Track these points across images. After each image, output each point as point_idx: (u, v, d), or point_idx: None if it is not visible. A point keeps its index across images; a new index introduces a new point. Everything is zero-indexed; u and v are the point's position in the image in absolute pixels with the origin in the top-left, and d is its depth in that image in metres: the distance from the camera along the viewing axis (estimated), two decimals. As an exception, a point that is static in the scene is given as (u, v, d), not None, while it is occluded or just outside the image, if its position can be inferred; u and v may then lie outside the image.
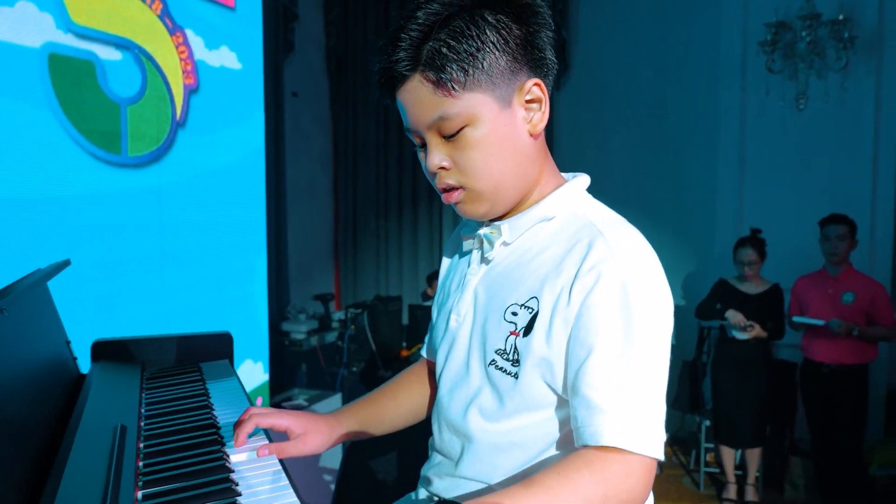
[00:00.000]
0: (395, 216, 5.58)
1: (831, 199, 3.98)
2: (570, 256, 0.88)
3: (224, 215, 2.74)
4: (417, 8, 0.87)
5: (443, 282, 1.12)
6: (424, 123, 0.89)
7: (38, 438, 0.76)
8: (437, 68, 0.85)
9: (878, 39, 3.97)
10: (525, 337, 0.88)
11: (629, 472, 0.78)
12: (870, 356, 3.46)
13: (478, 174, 0.90)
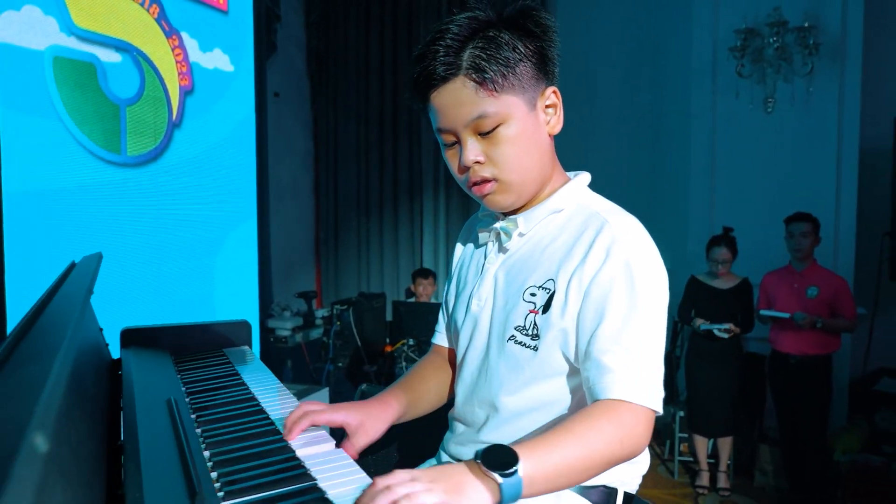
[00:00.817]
0: (375, 215, 5.67)
1: (797, 198, 4.16)
2: (581, 241, 1.01)
3: (217, 211, 2.81)
4: (450, 22, 1.00)
5: (458, 273, 1.24)
6: (462, 122, 1.00)
7: (105, 411, 0.85)
8: (481, 70, 0.96)
9: (841, 46, 4.17)
10: (544, 314, 1.00)
11: (638, 420, 0.91)
12: (833, 347, 3.65)
13: (510, 167, 1.01)
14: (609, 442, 0.88)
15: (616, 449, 0.89)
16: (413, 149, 5.54)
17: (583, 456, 0.86)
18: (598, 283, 0.96)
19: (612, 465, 0.91)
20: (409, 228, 5.61)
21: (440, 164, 5.48)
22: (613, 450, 0.88)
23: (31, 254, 1.97)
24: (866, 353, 4.32)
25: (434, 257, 5.53)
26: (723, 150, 4.55)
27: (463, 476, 0.79)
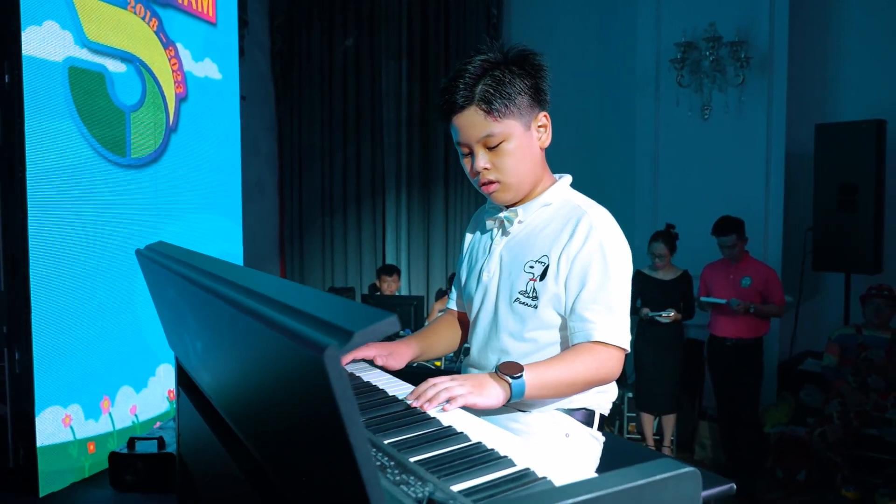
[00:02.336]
0: (339, 214, 5.89)
1: (731, 197, 4.59)
2: (566, 227, 1.34)
3: (208, 206, 3.02)
4: (468, 62, 1.31)
5: (469, 253, 1.56)
6: (475, 139, 1.32)
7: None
8: (489, 102, 1.29)
9: (768, 60, 4.61)
10: (541, 281, 1.33)
11: (610, 356, 1.27)
12: (763, 331, 4.07)
13: (509, 173, 1.34)
14: (588, 368, 1.25)
15: (593, 373, 1.25)
16: (376, 150, 5.79)
17: (568, 375, 1.23)
18: (581, 258, 1.30)
19: (590, 385, 1.28)
20: (372, 227, 5.85)
21: (402, 165, 5.74)
22: (591, 374, 1.26)
23: (52, 246, 2.16)
24: (792, 337, 4.79)
25: (396, 254, 5.79)
26: (665, 153, 4.95)
27: (486, 379, 1.19)
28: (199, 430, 1.34)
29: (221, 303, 0.67)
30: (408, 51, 5.66)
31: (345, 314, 0.49)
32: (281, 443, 0.63)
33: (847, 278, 4.50)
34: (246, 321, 0.58)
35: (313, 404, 0.48)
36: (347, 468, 0.47)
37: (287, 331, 0.48)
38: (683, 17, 4.71)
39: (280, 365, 0.53)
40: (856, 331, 4.06)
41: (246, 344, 0.64)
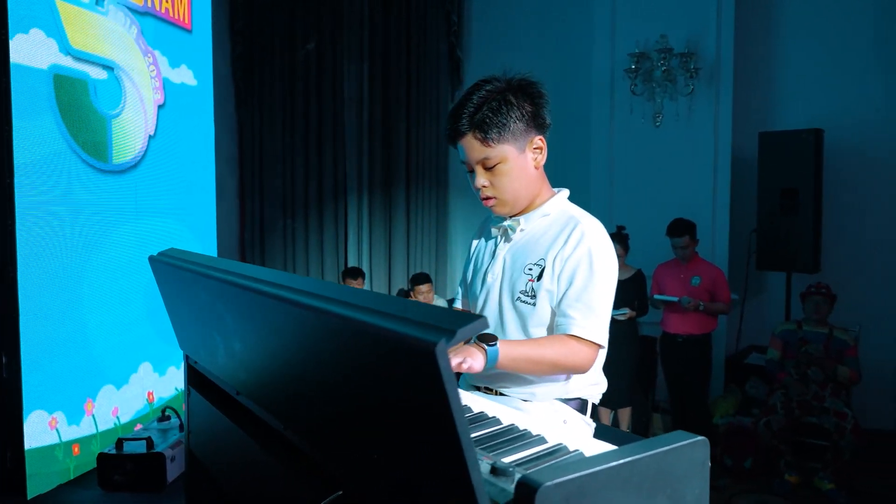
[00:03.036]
0: (301, 216, 5.93)
1: (682, 200, 4.83)
2: (562, 234, 1.49)
3: (184, 208, 3.07)
4: (472, 92, 1.47)
5: (475, 257, 1.70)
6: (475, 160, 1.48)
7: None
8: (484, 131, 1.44)
9: (716, 71, 4.87)
10: (539, 281, 1.48)
11: (581, 349, 1.43)
12: (712, 327, 4.32)
13: (505, 191, 1.51)
14: (556, 353, 1.41)
15: (560, 359, 1.42)
16: (338, 154, 5.85)
17: (537, 354, 1.40)
18: (571, 261, 1.46)
19: (557, 370, 1.45)
20: (335, 230, 5.91)
21: (364, 168, 5.83)
22: (558, 359, 1.42)
23: (36, 250, 2.20)
24: (738, 332, 5.07)
25: (358, 257, 5.87)
26: (619, 158, 5.18)
27: (470, 347, 1.32)
28: (217, 426, 1.43)
29: (305, 310, 0.77)
30: (370, 55, 5.75)
31: (439, 316, 0.61)
32: (370, 433, 0.74)
33: (788, 277, 4.80)
34: (346, 325, 0.68)
35: (421, 393, 0.60)
36: (451, 447, 0.58)
37: (397, 331, 0.60)
38: (636, 29, 4.94)
39: (384, 362, 0.64)
40: (797, 326, 4.34)
41: (335, 346, 0.75)
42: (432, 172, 5.74)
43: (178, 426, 2.48)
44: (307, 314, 0.77)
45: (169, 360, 3.01)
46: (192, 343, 1.51)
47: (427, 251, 5.79)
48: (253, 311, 0.96)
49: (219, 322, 1.18)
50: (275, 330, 0.91)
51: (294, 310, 0.80)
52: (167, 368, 3.01)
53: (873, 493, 3.91)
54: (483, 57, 5.74)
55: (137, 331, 2.79)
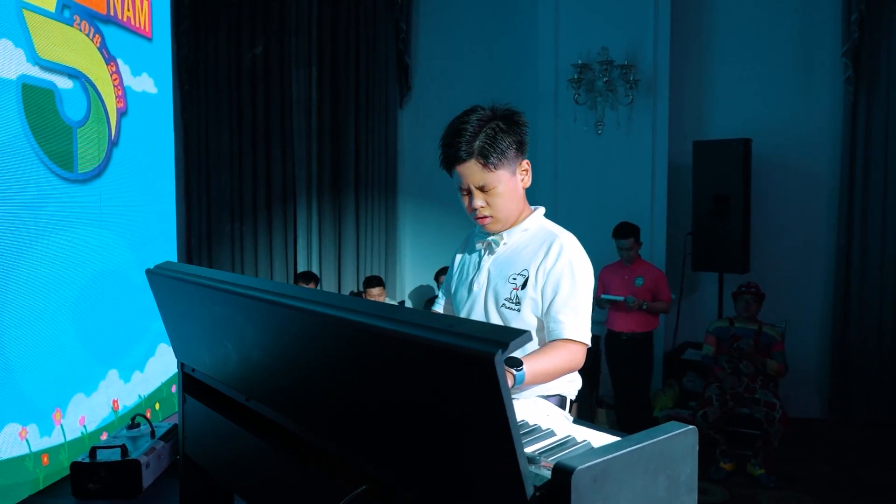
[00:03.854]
0: (249, 220, 5.92)
1: (623, 205, 5.08)
2: (542, 247, 1.65)
3: (145, 212, 3.08)
4: (465, 122, 1.59)
5: (460, 268, 1.84)
6: (474, 184, 1.62)
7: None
8: (485, 156, 1.58)
9: (654, 83, 5.14)
10: (523, 290, 1.63)
11: (578, 349, 1.59)
12: (654, 325, 4.58)
13: (499, 210, 1.65)
14: (563, 360, 1.56)
15: (567, 364, 1.58)
16: (286, 158, 5.87)
17: (552, 366, 1.55)
18: (554, 272, 1.62)
19: (564, 373, 1.60)
20: (283, 233, 5.93)
21: (313, 173, 5.86)
22: (565, 364, 1.57)
23: (4, 261, 2.20)
24: (675, 330, 5.36)
25: (308, 261, 5.90)
26: (563, 164, 5.39)
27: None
28: (218, 429, 1.50)
29: (356, 327, 0.88)
30: (318, 60, 5.78)
31: (489, 330, 0.73)
32: (420, 436, 0.84)
33: (720, 277, 5.12)
34: (402, 341, 0.79)
35: (479, 398, 0.71)
36: (505, 442, 0.70)
37: (458, 345, 0.71)
38: (579, 41, 5.15)
39: (441, 373, 0.75)
40: (729, 323, 4.64)
41: (386, 360, 0.85)
42: (382, 177, 5.82)
43: (148, 433, 2.51)
44: (359, 331, 0.87)
45: (133, 366, 3.03)
46: (192, 353, 1.58)
47: (377, 254, 5.87)
48: (290, 328, 1.05)
49: (238, 335, 1.26)
50: (314, 345, 1.00)
51: (345, 327, 0.90)
52: (132, 375, 3.02)
53: (799, 477, 4.23)
54: (431, 64, 5.87)
55: (104, 338, 2.80)
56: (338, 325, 0.92)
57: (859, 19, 4.92)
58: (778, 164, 5.23)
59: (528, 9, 5.42)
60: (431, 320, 0.81)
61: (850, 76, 5.01)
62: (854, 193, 5.14)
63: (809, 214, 5.31)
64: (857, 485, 4.10)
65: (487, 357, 0.69)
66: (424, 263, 5.90)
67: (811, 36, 5.24)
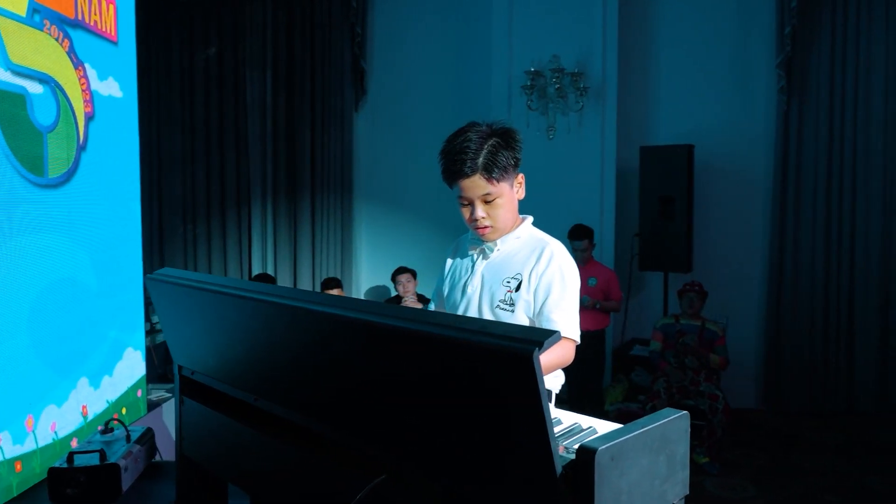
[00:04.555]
0: (203, 223, 5.88)
1: (574, 208, 5.27)
2: (534, 254, 1.79)
3: (113, 216, 3.07)
4: (465, 138, 1.71)
5: (452, 272, 1.96)
6: (477, 196, 1.74)
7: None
8: (489, 171, 1.71)
9: (602, 90, 5.35)
10: (516, 292, 1.76)
11: (570, 346, 1.74)
12: (606, 323, 4.79)
13: (499, 220, 1.79)
14: (559, 356, 1.71)
15: (561, 359, 1.73)
16: (241, 160, 5.85)
17: (550, 363, 1.69)
18: (546, 276, 1.76)
19: (558, 367, 1.77)
20: (238, 236, 5.91)
21: (268, 175, 5.86)
22: (559, 359, 1.72)
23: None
24: (623, 327, 5.60)
25: (263, 263, 5.90)
26: (517, 168, 5.54)
27: None
28: (220, 429, 1.57)
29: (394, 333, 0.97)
30: (273, 63, 5.79)
31: (521, 330, 0.84)
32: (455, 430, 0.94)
33: (665, 276, 5.37)
34: (440, 343, 0.89)
35: (517, 393, 0.82)
36: (539, 431, 0.81)
37: (498, 344, 0.82)
38: (532, 48, 5.32)
39: (480, 372, 0.86)
40: (674, 320, 4.88)
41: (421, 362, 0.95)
42: (337, 179, 5.87)
43: (123, 437, 2.55)
44: (396, 335, 0.97)
45: (102, 371, 3.02)
46: (194, 356, 1.63)
47: (333, 256, 5.91)
48: (326, 336, 1.12)
49: (252, 341, 1.34)
50: (347, 351, 1.09)
51: (380, 332, 0.99)
52: (101, 380, 3.01)
53: (740, 464, 4.50)
54: (386, 68, 5.94)
55: (75, 343, 2.80)
56: (372, 330, 1.01)
57: (792, 33, 5.24)
58: (718, 169, 5.52)
59: (483, 16, 5.57)
60: (464, 323, 0.91)
61: (783, 86, 5.33)
62: (787, 196, 5.47)
63: (747, 216, 5.63)
64: (792, 469, 4.39)
65: (526, 355, 0.80)
66: (380, 265, 5.97)
67: (748, 48, 5.55)
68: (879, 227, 5.35)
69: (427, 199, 5.92)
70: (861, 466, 4.39)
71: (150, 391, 3.91)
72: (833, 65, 5.35)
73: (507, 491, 0.90)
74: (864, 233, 5.39)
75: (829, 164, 5.39)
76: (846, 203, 5.40)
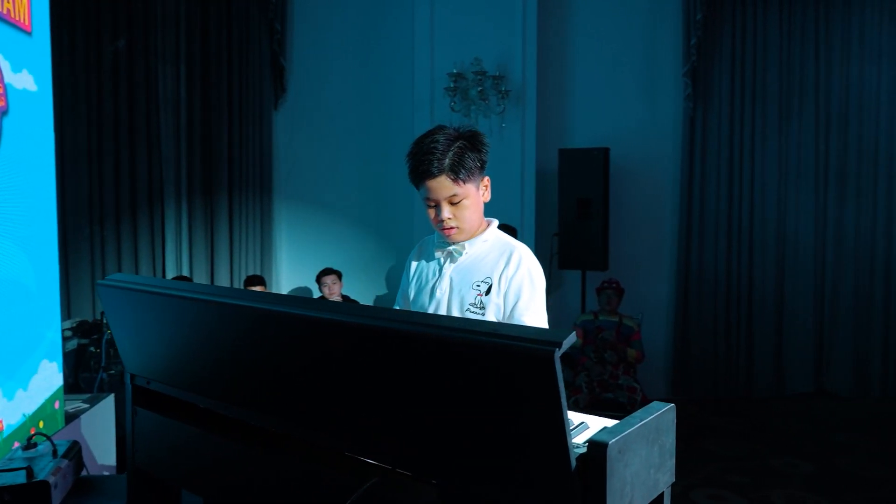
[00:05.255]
0: (111, 223, 5.59)
1: (495, 208, 5.34)
2: (502, 258, 1.82)
3: (30, 214, 2.88)
4: (432, 140, 1.73)
5: (417, 275, 1.96)
6: (443, 197, 1.75)
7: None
8: (455, 172, 1.73)
9: (522, 94, 5.49)
10: (486, 295, 1.79)
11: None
12: (528, 320, 4.91)
13: (465, 221, 1.80)
14: None
15: None
16: (153, 158, 5.60)
17: None
18: (515, 280, 1.79)
19: None
20: (150, 237, 5.65)
21: (183, 173, 5.64)
22: None
23: None
24: (544, 324, 5.75)
25: (177, 265, 5.68)
26: (440, 168, 5.59)
27: None
28: (190, 440, 1.53)
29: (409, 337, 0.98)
30: (187, 57, 5.57)
31: (537, 332, 0.88)
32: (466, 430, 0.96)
33: (583, 274, 5.57)
34: (458, 346, 0.91)
35: (537, 392, 0.85)
36: (556, 426, 0.85)
37: (518, 346, 0.85)
38: (454, 50, 5.39)
39: (499, 373, 0.88)
40: (593, 316, 5.08)
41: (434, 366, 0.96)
42: (256, 178, 5.73)
43: (49, 452, 2.42)
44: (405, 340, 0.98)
45: (17, 384, 2.84)
46: (151, 365, 1.57)
47: (252, 257, 5.77)
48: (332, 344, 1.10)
49: (232, 350, 1.31)
50: (350, 357, 1.08)
51: (386, 337, 1.00)
52: (15, 392, 2.83)
53: (656, 452, 4.73)
54: (307, 66, 5.85)
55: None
56: (378, 335, 1.02)
57: (697, 44, 5.56)
58: (632, 171, 5.78)
59: (405, 17, 5.58)
60: (474, 325, 0.94)
61: (689, 93, 5.65)
62: (693, 197, 5.80)
63: (658, 216, 5.93)
64: (702, 453, 4.66)
65: (547, 355, 0.83)
66: (302, 265, 5.88)
67: (658, 56, 5.85)
68: (774, 226, 5.76)
69: (349, 199, 5.89)
70: (762, 448, 4.72)
71: (71, 400, 3.70)
72: (733, 73, 5.73)
73: (520, 487, 0.94)
74: (761, 231, 5.79)
75: (730, 166, 5.76)
76: (745, 203, 5.79)
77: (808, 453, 4.63)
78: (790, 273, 5.84)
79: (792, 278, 5.85)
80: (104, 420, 3.75)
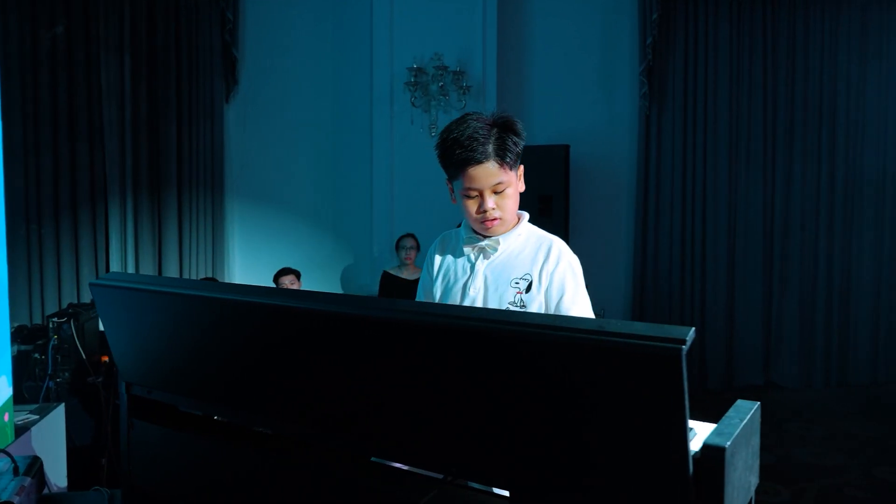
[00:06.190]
0: (50, 222, 5.25)
1: (455, 206, 5.31)
2: (540, 252, 1.74)
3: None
4: (468, 126, 1.66)
5: (444, 272, 1.86)
6: (489, 185, 1.67)
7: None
8: (502, 157, 1.65)
9: (483, 90, 5.44)
10: (527, 293, 1.71)
11: None
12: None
13: (507, 211, 1.73)
14: None
15: None
16: (95, 153, 5.29)
17: None
18: (557, 274, 1.72)
19: None
20: (93, 236, 5.34)
21: (128, 169, 5.35)
22: None
23: None
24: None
25: (123, 265, 5.39)
26: (399, 164, 5.51)
27: None
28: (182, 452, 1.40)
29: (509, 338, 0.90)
30: (131, 46, 5.28)
31: (657, 329, 0.81)
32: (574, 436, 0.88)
33: (544, 271, 5.56)
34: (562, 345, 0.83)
35: (661, 392, 0.78)
36: (679, 426, 0.79)
37: (644, 345, 0.78)
38: (414, 45, 5.30)
39: (621, 373, 0.81)
40: (557, 313, 5.08)
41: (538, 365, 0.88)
42: (207, 174, 5.49)
43: (10, 469, 2.24)
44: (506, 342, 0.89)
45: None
46: (151, 372, 1.43)
47: (203, 257, 5.53)
48: (413, 349, 1.01)
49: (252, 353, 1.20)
50: (437, 363, 0.99)
51: (493, 337, 0.91)
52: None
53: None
54: (260, 58, 5.65)
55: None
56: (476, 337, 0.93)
57: (653, 43, 5.64)
58: (591, 168, 5.83)
59: (364, 9, 5.46)
60: (571, 322, 0.86)
61: (645, 92, 5.73)
62: (648, 195, 5.89)
63: (616, 213, 6.00)
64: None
65: (675, 354, 0.77)
66: (256, 265, 5.67)
67: (616, 55, 5.91)
68: (725, 220, 5.91)
69: (304, 197, 5.72)
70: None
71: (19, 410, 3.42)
72: (686, 72, 5.84)
73: (630, 494, 0.87)
74: (713, 226, 5.93)
75: (684, 163, 5.88)
76: (698, 200, 5.91)
77: (763, 444, 4.74)
78: (740, 267, 6.01)
79: (742, 271, 6.01)
80: (55, 432, 3.50)
